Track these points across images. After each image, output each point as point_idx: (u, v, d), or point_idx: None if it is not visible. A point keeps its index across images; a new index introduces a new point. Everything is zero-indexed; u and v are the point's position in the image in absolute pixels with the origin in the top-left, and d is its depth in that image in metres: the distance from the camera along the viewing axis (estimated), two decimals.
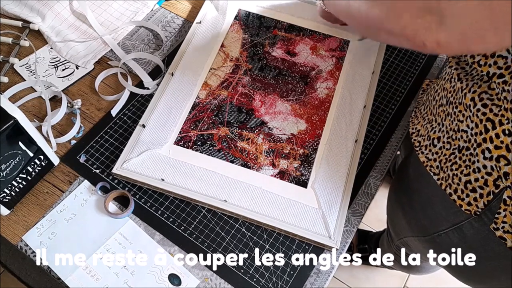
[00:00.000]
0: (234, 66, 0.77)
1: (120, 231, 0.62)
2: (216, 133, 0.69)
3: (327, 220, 0.62)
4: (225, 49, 0.79)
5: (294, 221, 0.62)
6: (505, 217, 0.52)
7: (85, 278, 0.59)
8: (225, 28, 0.81)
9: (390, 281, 1.44)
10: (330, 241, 0.61)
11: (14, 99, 0.73)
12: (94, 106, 0.73)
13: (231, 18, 0.83)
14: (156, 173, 0.65)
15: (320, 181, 0.65)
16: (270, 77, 0.76)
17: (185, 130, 0.69)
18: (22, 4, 0.82)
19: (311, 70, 0.77)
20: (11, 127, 0.55)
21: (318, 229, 0.62)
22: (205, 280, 0.60)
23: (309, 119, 0.72)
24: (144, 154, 0.66)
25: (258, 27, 0.82)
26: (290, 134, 0.70)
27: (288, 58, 0.78)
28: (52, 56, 0.78)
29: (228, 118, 0.71)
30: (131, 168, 0.65)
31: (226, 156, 0.67)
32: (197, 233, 0.63)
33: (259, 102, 0.73)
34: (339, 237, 0.62)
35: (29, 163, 0.61)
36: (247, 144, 0.69)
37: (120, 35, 0.81)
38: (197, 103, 0.72)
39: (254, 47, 0.79)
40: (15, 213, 0.63)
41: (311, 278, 0.61)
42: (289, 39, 0.81)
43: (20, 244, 0.61)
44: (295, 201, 0.64)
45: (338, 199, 0.64)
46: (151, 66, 0.78)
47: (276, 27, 0.82)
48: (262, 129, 0.70)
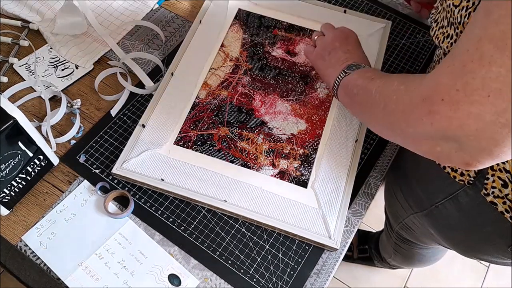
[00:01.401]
0: (234, 66, 0.77)
1: (119, 231, 0.62)
2: (216, 133, 0.69)
3: (327, 220, 0.62)
4: (225, 49, 0.78)
5: (294, 221, 0.62)
6: (493, 182, 0.54)
7: (84, 279, 0.59)
8: (225, 27, 0.81)
9: (390, 281, 1.44)
10: (330, 241, 0.61)
11: (14, 99, 0.72)
12: (93, 106, 0.73)
13: (231, 17, 0.82)
14: (155, 173, 0.65)
15: (320, 181, 0.65)
16: (270, 77, 0.76)
17: (185, 130, 0.69)
18: (21, 4, 0.82)
19: (311, 70, 0.77)
20: (10, 127, 0.55)
21: (318, 229, 0.62)
22: (205, 281, 0.60)
23: (309, 119, 0.71)
24: (144, 154, 0.66)
25: (258, 26, 0.82)
26: (290, 134, 0.70)
27: (288, 58, 0.78)
28: (51, 56, 0.78)
29: (228, 118, 0.71)
30: (131, 168, 0.65)
31: (226, 156, 0.67)
32: (197, 233, 0.63)
33: (259, 102, 0.73)
34: (339, 237, 0.62)
35: (28, 163, 0.61)
36: (247, 144, 0.68)
37: (119, 35, 0.81)
38: (197, 103, 0.72)
39: (254, 47, 0.79)
40: (15, 213, 0.63)
41: (311, 278, 0.61)
42: (289, 39, 0.80)
43: (20, 244, 0.61)
44: (295, 201, 0.64)
45: (339, 199, 0.64)
46: (151, 66, 0.78)
47: (276, 27, 0.82)
48: (262, 129, 0.70)
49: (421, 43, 0.84)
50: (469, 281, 1.45)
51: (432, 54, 0.83)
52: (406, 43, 0.84)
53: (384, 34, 0.81)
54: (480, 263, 1.48)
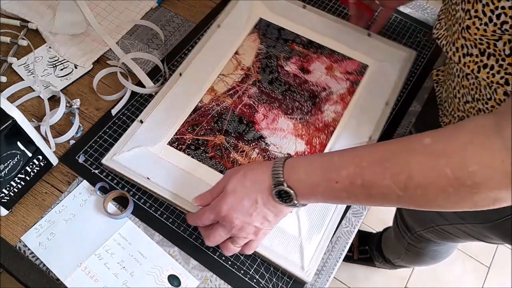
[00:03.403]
0: (244, 75, 0.75)
1: (119, 231, 0.62)
2: (211, 140, 0.68)
3: (304, 251, 0.59)
4: (238, 57, 0.77)
5: (269, 244, 0.60)
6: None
7: (84, 279, 0.58)
8: (243, 35, 0.79)
9: (391, 282, 1.43)
10: (302, 273, 0.58)
11: (13, 98, 0.72)
12: (93, 106, 0.73)
13: (250, 26, 0.81)
14: (143, 170, 0.64)
15: (306, 209, 0.62)
16: (278, 91, 0.74)
17: (182, 132, 0.69)
18: (20, 3, 0.82)
19: (322, 91, 0.74)
20: (9, 127, 0.55)
21: (292, 257, 0.59)
22: (205, 281, 0.60)
23: (309, 141, 0.69)
24: (136, 149, 0.65)
25: (276, 39, 0.80)
26: (287, 154, 0.68)
27: (301, 74, 0.76)
28: (50, 55, 0.77)
29: (227, 127, 0.70)
30: (121, 162, 0.64)
31: (216, 165, 0.66)
32: (196, 233, 0.62)
33: (262, 115, 0.71)
34: (313, 269, 0.58)
35: (27, 163, 0.61)
36: (240, 157, 0.67)
37: (119, 34, 0.81)
38: (199, 106, 0.71)
39: (268, 58, 0.77)
40: (14, 213, 0.63)
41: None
42: (306, 55, 0.78)
43: (19, 245, 0.61)
44: (276, 225, 0.60)
45: (321, 231, 0.61)
46: (151, 65, 0.78)
47: (294, 41, 0.79)
48: (259, 144, 0.68)
49: (422, 42, 0.84)
50: (470, 282, 1.45)
51: (432, 54, 0.82)
52: (407, 42, 0.83)
53: (407, 63, 0.77)
54: (481, 263, 1.47)
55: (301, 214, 0.62)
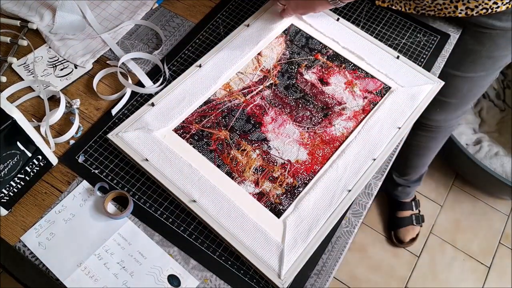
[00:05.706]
0: (262, 76, 0.76)
1: (119, 231, 0.62)
2: (216, 134, 0.69)
3: (284, 259, 0.59)
4: (260, 58, 0.77)
5: (251, 245, 0.60)
6: None
7: (83, 279, 0.58)
8: (270, 38, 0.80)
9: (391, 282, 1.43)
10: (278, 280, 0.58)
11: (12, 98, 0.72)
12: (92, 105, 0.73)
13: (279, 30, 0.81)
14: (144, 151, 0.65)
15: (294, 218, 0.62)
16: (292, 98, 0.74)
17: (189, 121, 0.70)
18: (20, 3, 0.82)
19: (336, 104, 0.73)
20: (9, 127, 0.55)
21: (271, 263, 0.59)
22: (204, 281, 0.60)
23: (312, 152, 0.69)
24: (141, 130, 0.67)
25: (303, 46, 0.80)
26: (287, 160, 0.68)
27: (319, 85, 0.75)
28: (50, 55, 0.77)
29: (233, 123, 0.70)
30: (125, 139, 0.66)
31: (215, 159, 0.67)
32: (196, 233, 0.62)
33: (270, 118, 0.71)
34: (289, 280, 0.58)
35: (27, 163, 0.61)
36: (240, 155, 0.68)
37: (119, 34, 0.81)
38: (211, 99, 0.72)
39: (290, 64, 0.77)
40: (13, 213, 0.63)
41: (311, 279, 0.60)
42: (329, 67, 0.77)
43: (18, 245, 0.61)
44: (261, 228, 0.61)
45: (305, 243, 0.61)
46: (150, 65, 0.78)
47: (320, 52, 0.79)
48: (261, 145, 0.69)
49: (422, 42, 0.83)
50: (470, 283, 1.44)
51: (432, 54, 0.82)
52: (407, 42, 0.83)
53: (432, 92, 0.75)
54: (481, 263, 1.47)
55: (288, 223, 0.62)
